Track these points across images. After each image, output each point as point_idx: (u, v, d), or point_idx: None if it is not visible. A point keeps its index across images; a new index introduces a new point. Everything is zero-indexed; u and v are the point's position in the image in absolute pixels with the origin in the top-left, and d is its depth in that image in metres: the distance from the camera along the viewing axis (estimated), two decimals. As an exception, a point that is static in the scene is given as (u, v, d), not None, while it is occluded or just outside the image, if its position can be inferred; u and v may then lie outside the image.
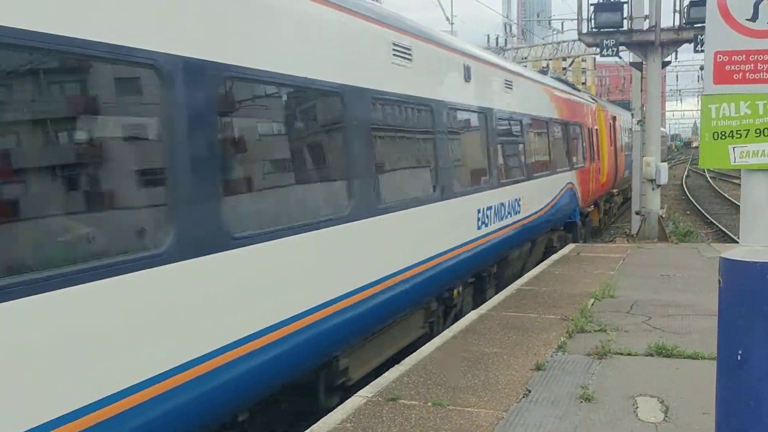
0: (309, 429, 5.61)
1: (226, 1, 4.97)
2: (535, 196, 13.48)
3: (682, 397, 6.10)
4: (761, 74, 3.74)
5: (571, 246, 15.87)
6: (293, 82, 5.76)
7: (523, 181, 12.67)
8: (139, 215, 4.34)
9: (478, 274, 10.86)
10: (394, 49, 7.63)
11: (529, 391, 6.30)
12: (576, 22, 18.38)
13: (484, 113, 10.64)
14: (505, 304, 9.80)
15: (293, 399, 6.34)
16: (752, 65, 3.73)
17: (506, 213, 11.57)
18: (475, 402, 6.07)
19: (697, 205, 32.67)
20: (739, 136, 3.80)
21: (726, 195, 36.08)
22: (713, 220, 26.21)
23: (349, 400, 6.21)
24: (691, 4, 16.86)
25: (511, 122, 12.22)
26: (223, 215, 4.81)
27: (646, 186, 17.60)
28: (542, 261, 13.84)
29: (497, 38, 41.51)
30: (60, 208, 3.81)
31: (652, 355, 7.29)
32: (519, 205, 12.32)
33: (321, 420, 5.79)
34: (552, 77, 18.70)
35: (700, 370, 6.63)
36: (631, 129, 21.57)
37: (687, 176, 56.44)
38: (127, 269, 4.01)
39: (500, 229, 11.23)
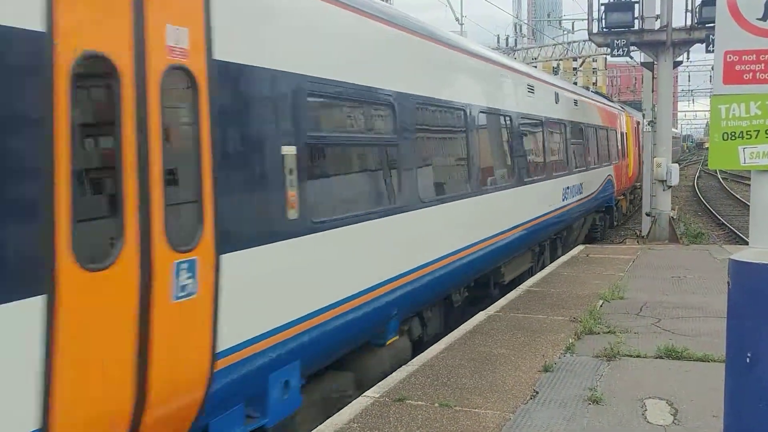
0: (316, 428, 5.60)
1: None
2: (590, 182, 18.22)
3: (692, 399, 6.05)
4: (772, 74, 3.71)
5: (580, 247, 15.81)
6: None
7: (583, 171, 17.39)
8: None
9: (557, 234, 15.62)
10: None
11: (537, 393, 6.27)
12: (586, 22, 18.30)
13: (565, 124, 15.61)
14: (513, 305, 9.76)
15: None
16: (763, 65, 3.70)
17: (576, 192, 16.37)
18: (482, 403, 6.04)
19: (709, 207, 32.48)
20: (749, 136, 3.76)
21: (738, 196, 35.85)
22: (725, 222, 26.04)
23: (356, 400, 6.20)
24: (702, 4, 16.75)
25: (578, 129, 17.19)
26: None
27: (657, 187, 17.49)
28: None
29: (507, 38, 41.40)
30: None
31: (661, 357, 7.24)
32: (582, 188, 17.07)
33: (328, 420, 5.78)
34: (592, 91, 25.17)
35: (710, 372, 6.58)
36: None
37: (699, 177, 56.16)
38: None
39: (573, 202, 15.99)
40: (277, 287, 5.27)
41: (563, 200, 14.88)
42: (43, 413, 3.38)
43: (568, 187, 15.41)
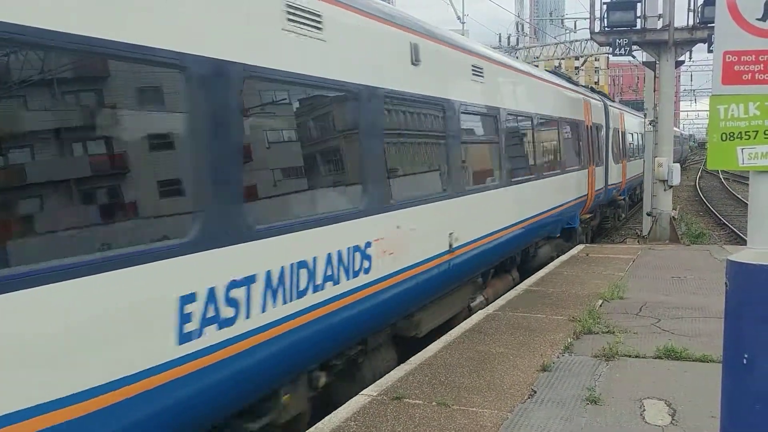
0: (314, 426, 5.60)
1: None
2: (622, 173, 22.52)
3: (690, 400, 6.05)
4: (771, 75, 3.69)
5: (580, 246, 15.79)
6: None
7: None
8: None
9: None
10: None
11: (535, 392, 6.27)
12: (588, 21, 18.27)
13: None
14: (512, 305, 9.75)
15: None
16: (762, 65, 3.68)
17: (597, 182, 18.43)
18: (480, 402, 6.04)
19: (710, 207, 32.44)
20: (747, 137, 3.75)
21: (739, 196, 35.81)
22: (726, 222, 26.00)
23: (354, 398, 6.19)
24: (705, 3, 16.71)
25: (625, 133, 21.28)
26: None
27: (658, 187, 17.47)
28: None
29: (509, 37, 41.33)
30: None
31: (660, 357, 7.23)
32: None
33: (326, 418, 5.78)
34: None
35: (709, 373, 6.56)
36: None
37: (700, 177, 56.12)
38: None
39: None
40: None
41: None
42: None
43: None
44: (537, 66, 22.88)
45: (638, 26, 17.36)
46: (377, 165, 6.90)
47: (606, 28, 17.55)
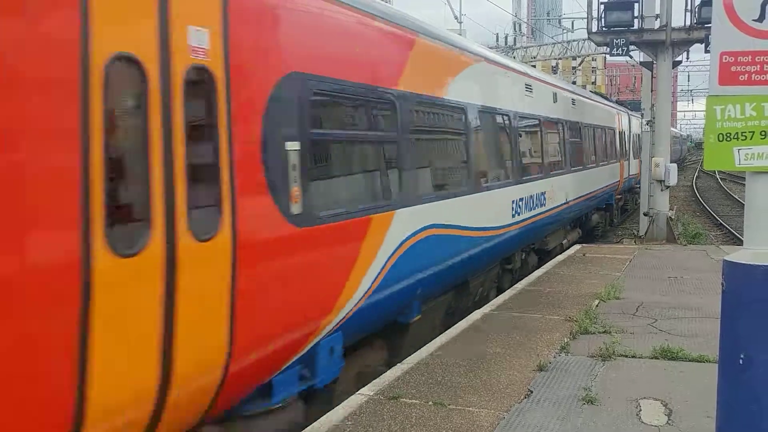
0: (310, 426, 5.60)
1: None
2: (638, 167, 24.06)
3: (686, 400, 6.05)
4: (767, 76, 3.69)
5: (576, 246, 15.81)
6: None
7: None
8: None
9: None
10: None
11: (531, 392, 6.27)
12: (586, 21, 18.28)
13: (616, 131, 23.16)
14: (509, 304, 9.76)
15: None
16: (758, 66, 3.69)
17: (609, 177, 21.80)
18: (477, 402, 6.04)
19: (707, 207, 32.50)
20: (744, 137, 3.75)
21: (736, 196, 35.88)
22: (723, 222, 26.04)
23: (351, 398, 6.19)
24: (702, 4, 16.73)
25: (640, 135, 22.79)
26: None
27: (655, 187, 17.48)
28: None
29: (506, 37, 41.36)
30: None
31: (657, 357, 7.23)
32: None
33: (322, 417, 5.77)
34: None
35: (705, 373, 6.57)
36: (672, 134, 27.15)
37: (697, 177, 56.21)
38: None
39: (608, 184, 21.56)
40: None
41: (607, 180, 21.76)
42: None
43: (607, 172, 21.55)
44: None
45: (635, 26, 17.38)
46: (551, 153, 14.31)
47: (603, 28, 17.57)
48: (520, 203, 11.58)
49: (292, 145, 5.33)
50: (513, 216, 11.14)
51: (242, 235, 4.69)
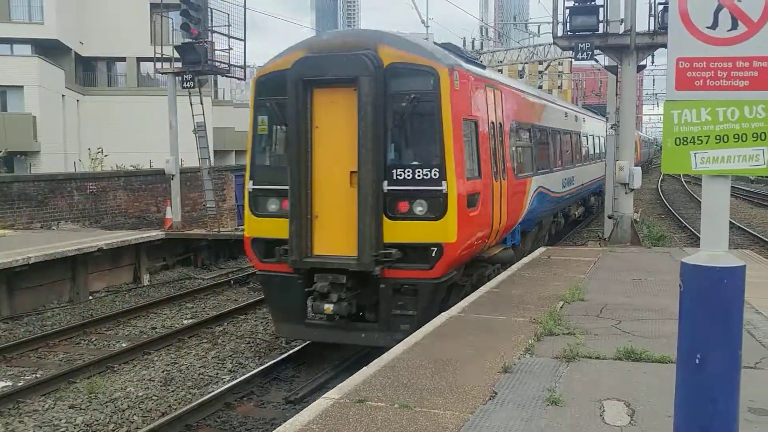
0: (276, 430, 5.58)
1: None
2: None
3: (649, 400, 6.13)
4: (721, 81, 3.77)
5: (541, 249, 15.94)
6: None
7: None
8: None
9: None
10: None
11: (496, 393, 6.31)
12: (551, 25, 18.43)
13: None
14: (474, 307, 9.80)
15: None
16: (712, 72, 3.76)
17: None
18: (442, 404, 6.06)
19: (672, 209, 33.00)
20: (700, 142, 3.82)
21: (700, 199, 36.42)
22: (687, 225, 26.46)
23: (317, 402, 6.18)
24: (664, 10, 16.96)
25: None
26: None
27: (619, 190, 17.69)
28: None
29: (473, 41, 41.60)
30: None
31: (620, 359, 7.31)
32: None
33: (287, 422, 5.76)
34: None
35: (668, 373, 6.63)
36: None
37: (662, 180, 57.05)
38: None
39: (598, 177, 26.52)
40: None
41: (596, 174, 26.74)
42: None
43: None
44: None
45: (600, 31, 17.54)
46: (572, 153, 21.76)
47: (569, 33, 17.69)
48: (564, 181, 19.62)
49: (514, 149, 13.72)
50: (563, 187, 19.48)
51: (509, 180, 12.89)
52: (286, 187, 10.07)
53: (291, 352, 10.99)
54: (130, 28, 42.06)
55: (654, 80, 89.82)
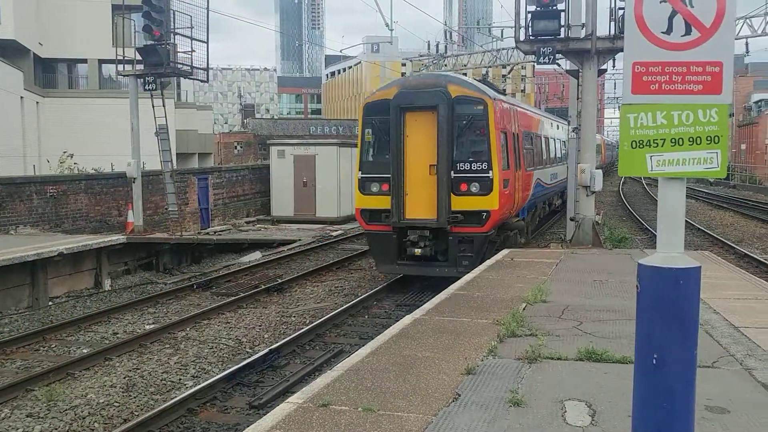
0: (238, 436, 5.57)
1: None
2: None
3: (610, 400, 6.20)
4: (675, 85, 3.83)
5: (505, 251, 16.06)
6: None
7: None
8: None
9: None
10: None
11: (459, 395, 6.33)
12: (514, 29, 18.58)
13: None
14: (439, 309, 9.84)
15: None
16: (667, 76, 3.83)
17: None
18: (406, 406, 6.07)
19: (633, 212, 33.48)
20: (656, 145, 3.88)
21: (659, 201, 36.99)
22: (648, 227, 26.86)
23: (279, 406, 6.14)
24: (624, 14, 17.19)
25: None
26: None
27: (581, 192, 17.91)
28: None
29: (437, 45, 41.78)
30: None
31: (581, 359, 7.39)
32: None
33: (249, 427, 5.71)
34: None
35: (628, 373, 6.67)
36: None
37: (624, 183, 57.89)
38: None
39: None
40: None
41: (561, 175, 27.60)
42: None
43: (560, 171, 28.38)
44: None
45: (562, 35, 17.74)
46: (552, 155, 24.92)
47: (531, 37, 17.86)
48: (551, 176, 23.69)
49: (524, 151, 18.44)
50: (550, 180, 23.44)
51: (522, 172, 17.71)
52: (384, 175, 15.33)
53: (254, 357, 10.91)
54: (91, 30, 41.43)
55: (615, 84, 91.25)
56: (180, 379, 10.35)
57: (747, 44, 38.30)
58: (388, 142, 15.26)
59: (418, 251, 15.00)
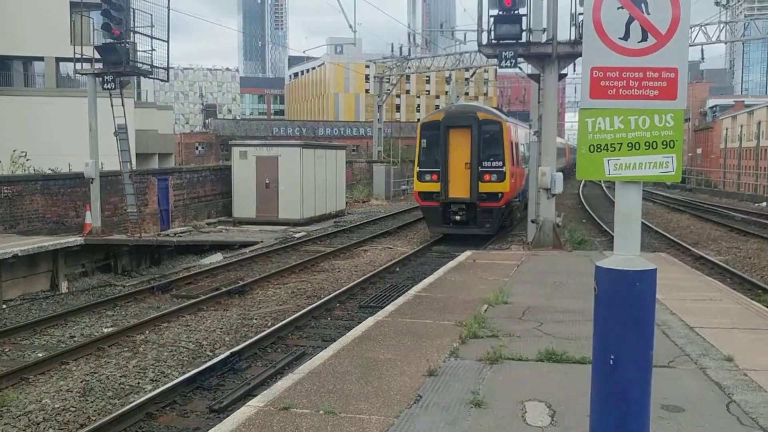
0: (197, 440, 5.54)
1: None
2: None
3: (569, 401, 6.28)
4: (633, 90, 3.90)
5: (467, 253, 16.17)
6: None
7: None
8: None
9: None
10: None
11: (421, 397, 6.35)
12: (477, 33, 18.71)
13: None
14: (401, 311, 9.86)
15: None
16: (625, 82, 3.89)
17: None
18: (367, 409, 6.07)
19: (592, 214, 33.93)
20: (613, 149, 3.94)
21: (618, 204, 37.52)
22: (607, 229, 27.22)
23: (240, 410, 6.10)
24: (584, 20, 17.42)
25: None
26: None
27: (542, 195, 18.10)
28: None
29: (401, 47, 41.92)
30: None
31: (542, 360, 7.48)
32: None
33: (209, 431, 5.65)
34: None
35: (587, 374, 6.75)
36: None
37: (584, 186, 58.64)
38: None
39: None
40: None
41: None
42: None
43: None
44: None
45: (524, 39, 17.91)
46: (522, 157, 27.40)
47: (493, 41, 18.01)
48: (525, 175, 26.22)
49: (520, 153, 26.09)
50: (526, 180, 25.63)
51: (519, 168, 25.61)
52: (434, 169, 22.93)
53: (215, 360, 10.80)
54: (48, 27, 40.62)
55: (576, 88, 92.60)
56: (139, 383, 10.20)
57: (702, 51, 39.25)
58: (437, 147, 22.96)
59: (457, 218, 22.81)
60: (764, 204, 43.60)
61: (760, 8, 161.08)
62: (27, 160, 26.53)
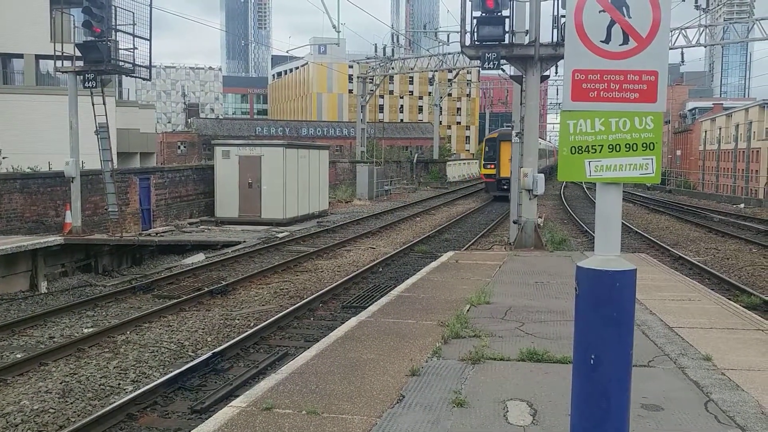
0: (179, 441, 5.54)
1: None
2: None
3: (550, 400, 6.33)
4: (613, 93, 3.94)
5: (450, 253, 16.21)
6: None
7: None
8: None
9: None
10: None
11: (403, 397, 6.37)
12: (460, 34, 18.77)
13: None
14: (384, 311, 9.88)
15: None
16: (606, 84, 3.94)
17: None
18: (350, 409, 6.08)
19: (573, 215, 34.17)
20: (594, 151, 3.99)
21: (599, 205, 37.92)
22: (588, 229, 27.43)
23: (222, 410, 6.09)
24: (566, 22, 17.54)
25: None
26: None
27: (524, 196, 18.20)
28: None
29: (384, 48, 41.94)
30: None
31: (523, 360, 7.53)
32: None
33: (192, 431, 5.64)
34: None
35: (568, 373, 6.80)
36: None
37: (565, 187, 59.04)
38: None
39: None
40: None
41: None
42: None
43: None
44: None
45: (506, 41, 18.00)
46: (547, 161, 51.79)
47: (476, 42, 18.08)
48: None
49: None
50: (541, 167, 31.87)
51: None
52: (492, 162, 43.31)
53: (197, 360, 10.77)
54: (27, 24, 40.24)
55: (558, 90, 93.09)
56: (119, 384, 10.14)
57: (682, 54, 39.65)
58: (494, 151, 41.40)
59: (505, 187, 33.16)
60: (742, 206, 44.14)
61: (739, 12, 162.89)
62: (5, 158, 26.28)
